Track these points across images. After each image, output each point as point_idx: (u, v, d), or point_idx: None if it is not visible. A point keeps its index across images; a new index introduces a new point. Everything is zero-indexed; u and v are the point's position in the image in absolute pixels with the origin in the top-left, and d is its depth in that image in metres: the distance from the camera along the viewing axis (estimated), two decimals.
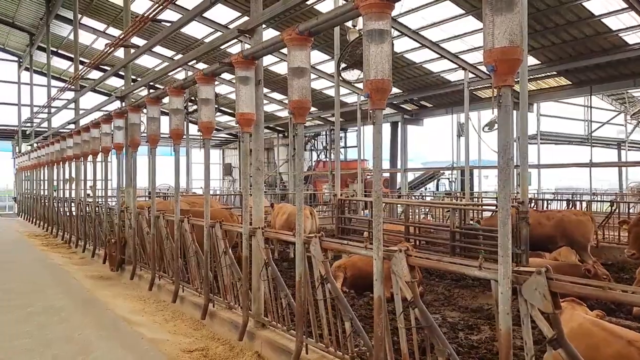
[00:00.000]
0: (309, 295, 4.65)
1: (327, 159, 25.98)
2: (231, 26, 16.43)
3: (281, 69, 20.27)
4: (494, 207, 10.69)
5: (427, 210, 15.78)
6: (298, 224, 4.71)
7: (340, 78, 11.79)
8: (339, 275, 7.47)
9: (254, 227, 5.57)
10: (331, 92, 21.18)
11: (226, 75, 14.37)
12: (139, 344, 5.54)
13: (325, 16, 4.27)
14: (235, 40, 11.50)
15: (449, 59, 15.96)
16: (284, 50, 4.81)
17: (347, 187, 21.09)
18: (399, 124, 21.98)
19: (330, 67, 18.62)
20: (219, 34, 17.03)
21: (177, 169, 7.68)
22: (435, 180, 25.14)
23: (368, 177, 22.72)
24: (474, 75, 16.35)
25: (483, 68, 15.82)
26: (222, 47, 6.69)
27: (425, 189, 24.97)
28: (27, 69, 27.65)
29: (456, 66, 16.44)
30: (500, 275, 2.90)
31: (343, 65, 11.02)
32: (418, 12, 14.00)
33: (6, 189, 34.64)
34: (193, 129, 18.08)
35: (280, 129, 28.86)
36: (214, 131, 7.59)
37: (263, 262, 5.35)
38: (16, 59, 29.02)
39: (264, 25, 5.90)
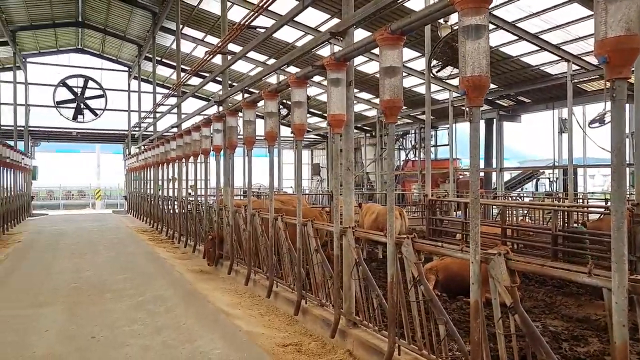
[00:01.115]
0: (401, 296, 4.61)
1: (416, 158, 25.48)
2: (321, 29, 16.72)
3: (369, 68, 20.23)
4: (602, 210, 9.85)
5: (525, 211, 14.92)
6: (389, 224, 4.69)
7: (432, 75, 11.51)
8: (430, 278, 7.31)
9: (345, 226, 5.64)
10: (421, 90, 20.76)
11: (315, 77, 14.65)
12: (236, 335, 5.83)
13: (419, 14, 4.21)
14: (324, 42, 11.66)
15: (549, 51, 14.93)
16: (373, 50, 4.81)
17: (437, 187, 20.53)
18: (495, 120, 20.96)
19: (419, 64, 18.26)
20: (309, 37, 17.41)
21: (271, 169, 7.98)
22: (534, 180, 23.64)
23: (460, 176, 21.95)
24: (578, 67, 15.16)
25: (589, 59, 14.61)
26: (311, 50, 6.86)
27: (522, 189, 23.59)
28: (135, 78, 30.23)
29: (558, 58, 15.34)
30: (614, 283, 2.67)
31: (434, 62, 10.75)
32: (515, 3, 13.26)
33: (118, 188, 38.14)
34: (283, 131, 18.63)
35: (367, 128, 28.82)
36: None
37: (354, 262, 5.39)
38: (126, 69, 31.81)
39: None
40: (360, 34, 6.26)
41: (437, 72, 11.06)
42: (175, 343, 5.56)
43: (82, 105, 29.55)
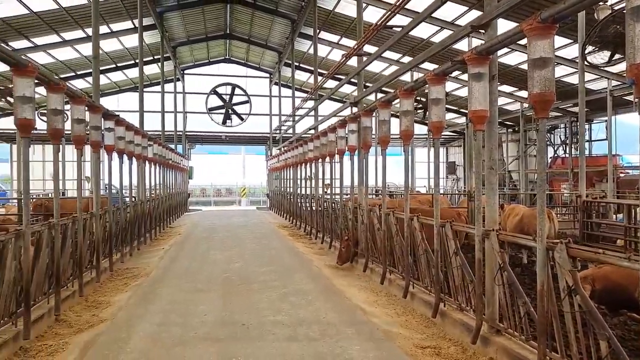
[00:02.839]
0: (552, 306, 4.25)
1: (567, 155, 23.21)
2: (458, 22, 16.10)
3: (512, 59, 18.98)
4: None
5: None
6: (540, 227, 4.36)
7: (586, 63, 10.39)
8: (585, 288, 6.59)
9: (488, 228, 5.37)
10: (571, 80, 18.89)
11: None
12: (374, 333, 5.91)
13: None
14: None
15: None
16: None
17: (592, 186, 18.47)
18: None
19: (569, 52, 16.62)
20: (445, 31, 16.88)
21: (406, 168, 7.92)
22: None
23: (621, 175, 19.48)
24: None
25: None
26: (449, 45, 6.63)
27: None
28: (276, 83, 32.27)
29: None
30: None
31: (589, 48, 9.69)
32: None
33: (260, 186, 41.00)
34: (416, 128, 18.41)
35: (509, 123, 27.04)
36: None
37: (498, 266, 5.11)
38: (268, 75, 34.09)
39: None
40: (502, 25, 5.91)
41: (590, 57, 9.94)
42: (317, 336, 5.81)
43: (230, 111, 32.46)
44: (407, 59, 21.16)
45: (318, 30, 20.78)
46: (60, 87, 6.92)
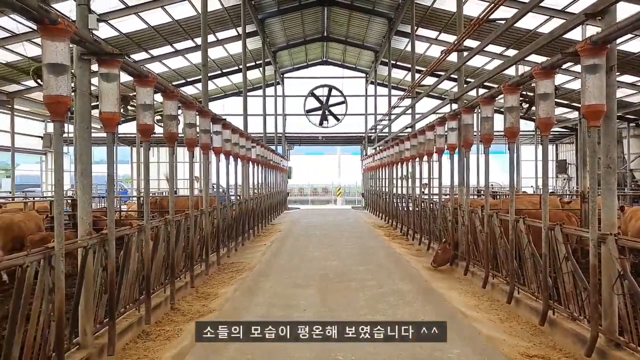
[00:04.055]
0: None
1: None
2: (570, 9, 14.94)
3: (634, 46, 17.18)
4: None
5: None
6: None
7: None
8: None
9: (604, 232, 4.94)
10: None
11: None
12: (475, 339, 5.70)
13: None
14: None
15: None
16: None
17: None
18: None
19: None
20: (554, 20, 15.77)
21: (512, 167, 7.54)
22: None
23: None
24: None
25: None
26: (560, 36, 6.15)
27: None
28: (372, 83, 32.26)
29: None
30: None
31: None
32: None
33: (355, 185, 41.26)
34: (521, 125, 17.35)
35: (631, 117, 24.49)
36: None
37: (617, 274, 4.69)
38: (363, 75, 34.18)
39: None
40: (623, 8, 5.40)
41: None
42: None
43: (327, 112, 33.06)
44: (511, 52, 20.02)
45: (416, 27, 20.41)
46: (174, 95, 7.54)
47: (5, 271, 8.55)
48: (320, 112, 33.19)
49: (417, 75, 19.45)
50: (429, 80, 19.87)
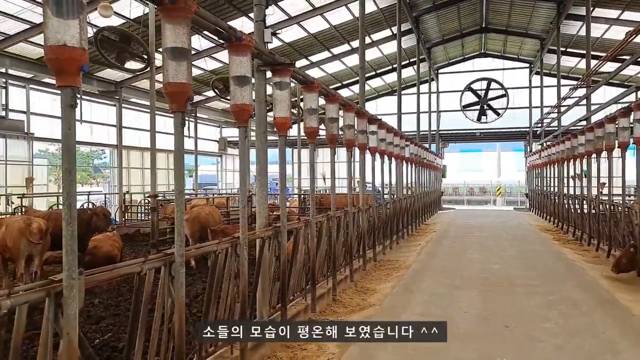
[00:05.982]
0: None
1: None
2: None
3: None
4: None
5: None
6: None
7: None
8: None
9: None
10: None
11: None
12: None
13: None
14: None
15: None
16: None
17: None
18: None
19: None
20: None
21: None
22: None
23: None
24: None
25: None
26: None
27: None
28: (537, 73, 29.67)
29: None
30: None
31: None
32: None
33: (518, 185, 38.38)
34: None
35: None
36: None
37: None
38: (527, 65, 31.63)
39: None
40: None
41: None
42: (593, 350, 5.20)
43: (485, 107, 31.39)
44: None
45: (592, 8, 18.24)
46: (336, 98, 7.93)
47: (192, 258, 9.93)
48: (478, 106, 31.64)
49: (592, 62, 17.38)
50: (610, 67, 17.59)
